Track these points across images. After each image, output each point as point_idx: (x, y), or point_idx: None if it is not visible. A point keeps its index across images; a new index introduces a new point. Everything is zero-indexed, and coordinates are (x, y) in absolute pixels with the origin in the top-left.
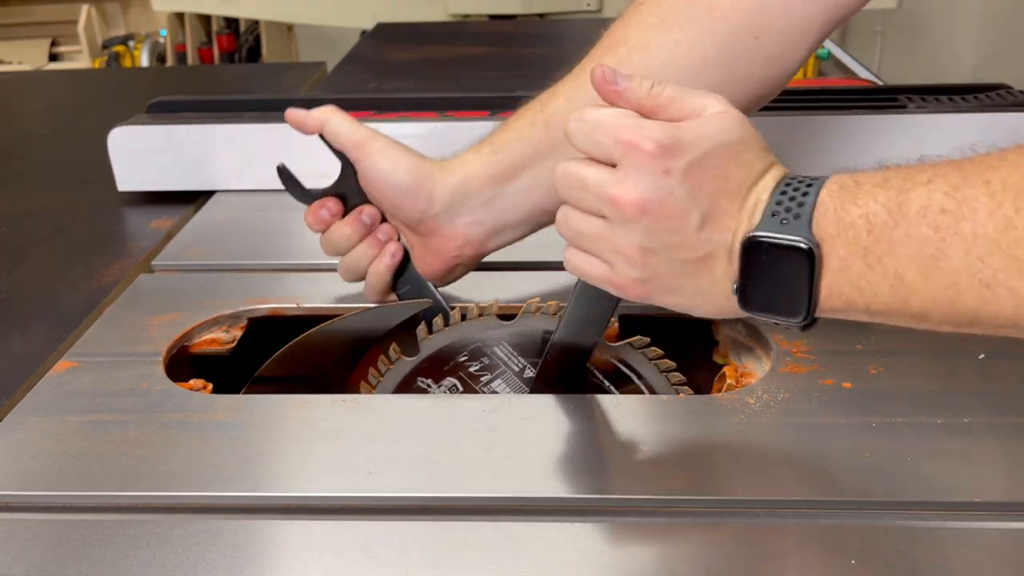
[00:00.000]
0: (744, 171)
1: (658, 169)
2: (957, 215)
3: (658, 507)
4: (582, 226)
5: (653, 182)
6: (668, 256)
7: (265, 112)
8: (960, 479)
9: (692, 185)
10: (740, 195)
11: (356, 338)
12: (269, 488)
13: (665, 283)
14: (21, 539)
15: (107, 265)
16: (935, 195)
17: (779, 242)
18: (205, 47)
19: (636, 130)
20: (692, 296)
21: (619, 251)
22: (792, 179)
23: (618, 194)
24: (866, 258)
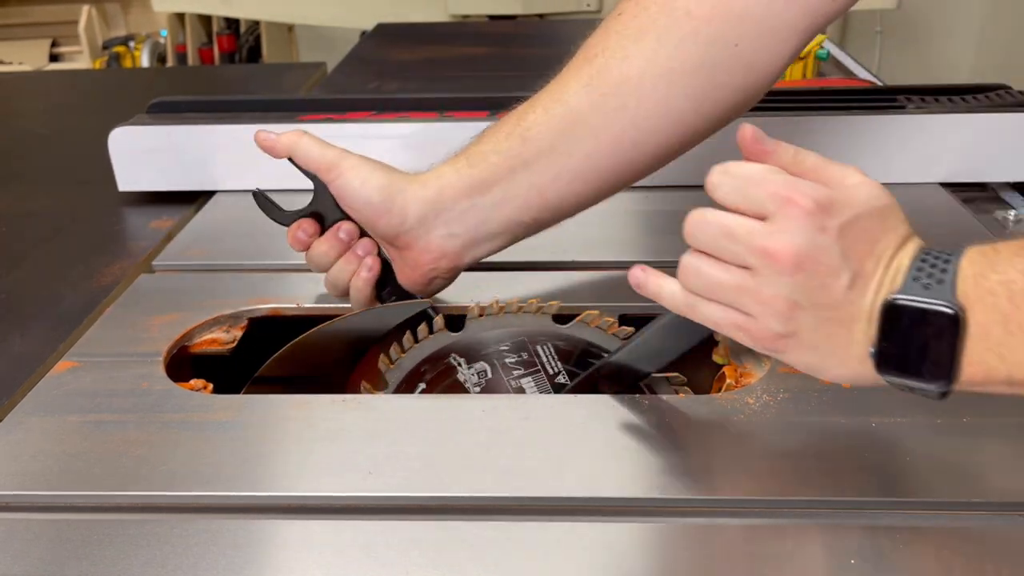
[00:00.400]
0: (890, 236)
1: (814, 226)
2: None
3: (658, 507)
4: (722, 277)
5: (810, 237)
6: (814, 313)
7: (265, 112)
8: (960, 479)
9: (844, 245)
10: (884, 259)
11: (356, 338)
12: (269, 488)
13: (804, 340)
14: (21, 539)
15: (107, 265)
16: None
17: (922, 306)
18: (205, 47)
19: (793, 186)
20: (827, 357)
21: (766, 303)
22: (932, 248)
23: (773, 246)
24: (1007, 325)
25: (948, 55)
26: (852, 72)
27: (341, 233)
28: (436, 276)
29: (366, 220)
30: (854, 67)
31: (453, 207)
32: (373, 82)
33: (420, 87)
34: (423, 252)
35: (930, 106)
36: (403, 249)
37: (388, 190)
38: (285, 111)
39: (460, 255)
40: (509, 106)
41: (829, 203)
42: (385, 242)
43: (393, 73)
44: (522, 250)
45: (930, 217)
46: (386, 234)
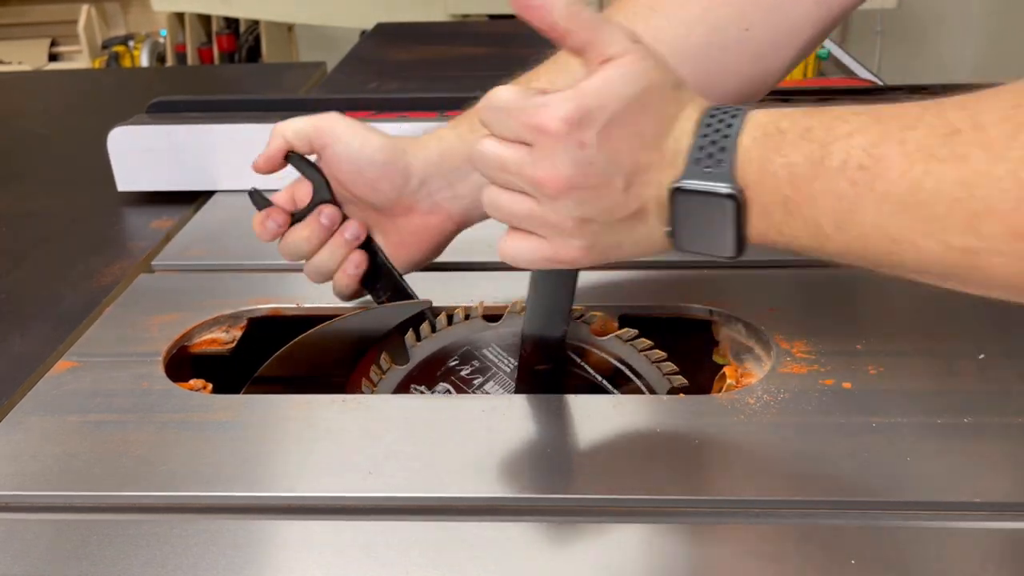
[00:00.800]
0: (656, 120)
1: (571, 145)
2: (873, 172)
3: (658, 507)
4: (513, 207)
5: (571, 158)
6: (603, 220)
7: (265, 112)
8: (960, 479)
9: (609, 150)
10: (658, 146)
11: (356, 338)
12: (269, 488)
13: (606, 244)
14: (21, 539)
15: (107, 265)
16: (854, 151)
17: (704, 190)
18: (205, 47)
19: (542, 110)
20: (632, 247)
21: (555, 226)
22: (711, 118)
23: (539, 176)
24: (787, 206)
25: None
26: (852, 72)
27: (323, 218)
28: (439, 242)
29: (366, 183)
30: (854, 67)
31: (458, 169)
32: (373, 82)
33: (420, 87)
34: (428, 215)
35: None
36: (403, 215)
37: (389, 150)
38: (285, 111)
39: (464, 217)
40: None
41: (580, 116)
42: (382, 213)
43: (393, 73)
44: None
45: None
46: (387, 197)
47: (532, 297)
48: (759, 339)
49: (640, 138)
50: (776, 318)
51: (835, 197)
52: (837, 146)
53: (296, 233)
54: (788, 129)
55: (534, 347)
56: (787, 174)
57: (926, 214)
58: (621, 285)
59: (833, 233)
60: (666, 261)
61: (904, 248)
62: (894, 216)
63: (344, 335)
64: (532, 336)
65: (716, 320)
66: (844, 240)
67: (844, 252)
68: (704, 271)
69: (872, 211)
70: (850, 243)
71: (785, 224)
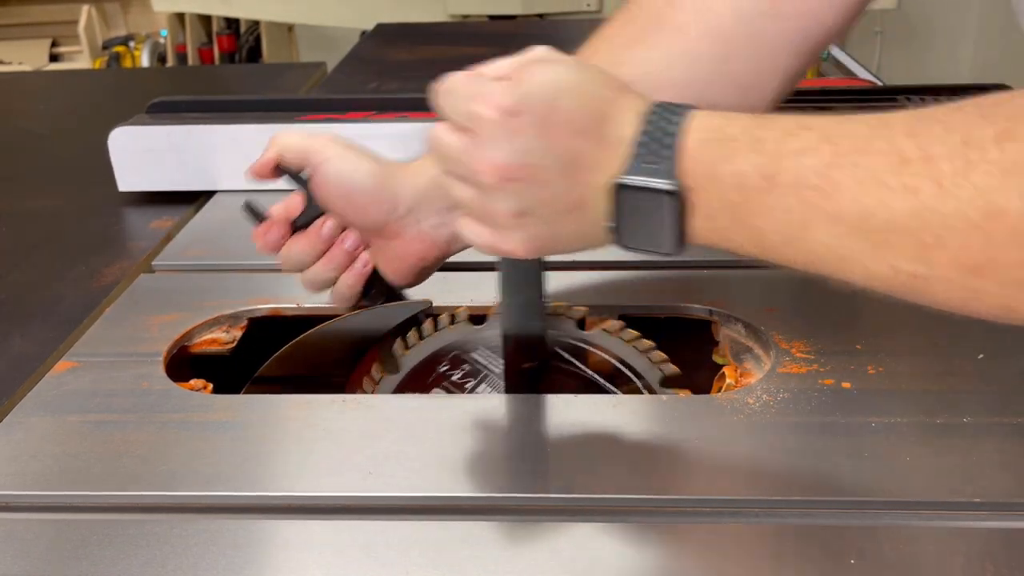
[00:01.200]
0: (596, 111)
1: (507, 132)
2: (824, 193)
3: (658, 507)
4: (460, 194)
5: (506, 146)
6: (542, 213)
7: (265, 112)
8: (960, 479)
9: (546, 139)
10: (596, 133)
11: (356, 338)
12: (269, 488)
13: (547, 237)
14: (21, 539)
15: (107, 265)
16: (806, 170)
17: (645, 186)
18: (205, 47)
19: (480, 98)
20: (572, 241)
21: (495, 218)
22: (654, 115)
23: (477, 165)
24: (734, 214)
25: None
26: (852, 72)
27: (324, 230)
28: (424, 266)
29: (355, 208)
30: (854, 67)
31: (443, 198)
32: (373, 82)
33: (420, 87)
34: (413, 241)
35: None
36: (390, 239)
37: (379, 176)
38: (285, 111)
39: (449, 245)
40: None
41: (516, 105)
42: (371, 232)
43: (393, 73)
44: None
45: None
46: (375, 222)
47: (504, 297)
48: (759, 339)
49: (577, 127)
50: (776, 318)
51: (785, 212)
52: (789, 163)
53: (296, 245)
54: (738, 137)
55: (516, 345)
56: (736, 183)
57: (877, 240)
58: (621, 285)
59: (779, 246)
60: (666, 261)
61: (853, 267)
62: (844, 238)
63: (344, 335)
64: (512, 334)
65: (716, 320)
66: (790, 253)
67: (788, 263)
68: (704, 271)
69: (822, 231)
70: (796, 257)
71: (729, 230)
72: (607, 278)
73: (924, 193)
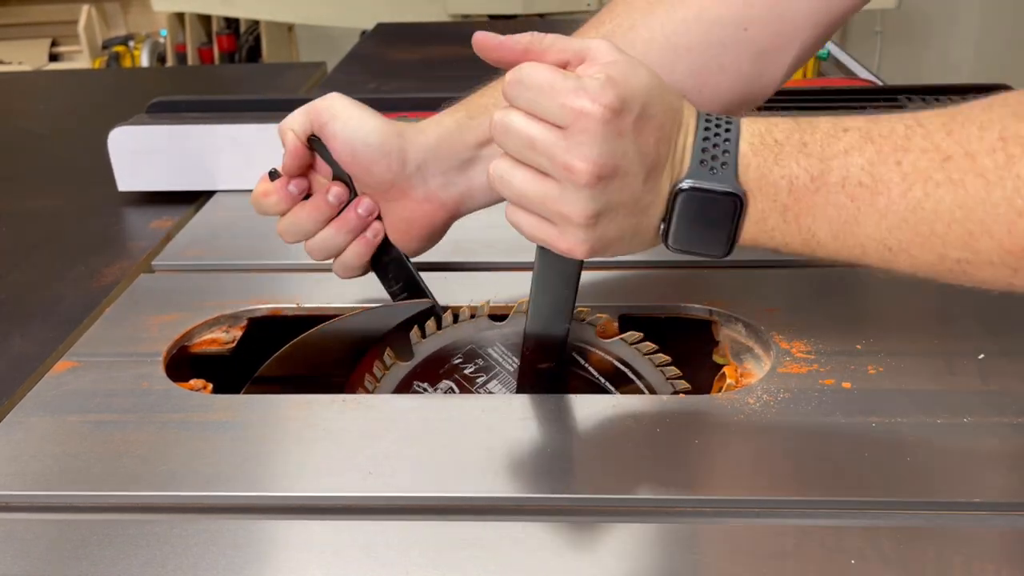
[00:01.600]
0: (670, 113)
1: (611, 133)
2: (873, 190)
3: (658, 507)
4: (527, 188)
5: (608, 147)
6: (615, 216)
7: (265, 112)
8: (960, 479)
9: (640, 141)
10: (672, 139)
11: (356, 338)
12: (269, 488)
13: (611, 239)
14: (21, 539)
15: (107, 265)
16: (852, 168)
17: (711, 189)
18: (205, 47)
19: (582, 94)
20: (630, 243)
21: (568, 217)
22: (707, 121)
23: (572, 162)
24: (784, 215)
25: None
26: (852, 72)
27: (330, 196)
28: (432, 229)
29: (363, 165)
30: (854, 67)
31: (453, 156)
32: (373, 82)
33: (420, 87)
34: (422, 202)
35: (930, 106)
36: (397, 200)
37: (387, 133)
38: (285, 111)
39: (457, 206)
40: None
41: (620, 104)
42: (377, 193)
43: (393, 73)
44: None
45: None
46: (381, 181)
47: (535, 295)
48: (759, 339)
49: (661, 130)
50: (776, 318)
51: (835, 210)
52: (836, 163)
53: (303, 211)
54: (784, 141)
55: (536, 345)
56: (787, 184)
57: (925, 231)
58: (621, 285)
59: (828, 242)
60: (666, 261)
61: (899, 257)
62: (893, 231)
63: (344, 335)
64: (535, 334)
65: (716, 320)
66: (837, 248)
67: (833, 257)
68: (704, 271)
69: (871, 225)
70: (842, 251)
71: (778, 230)
72: (607, 278)
73: (969, 185)
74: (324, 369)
